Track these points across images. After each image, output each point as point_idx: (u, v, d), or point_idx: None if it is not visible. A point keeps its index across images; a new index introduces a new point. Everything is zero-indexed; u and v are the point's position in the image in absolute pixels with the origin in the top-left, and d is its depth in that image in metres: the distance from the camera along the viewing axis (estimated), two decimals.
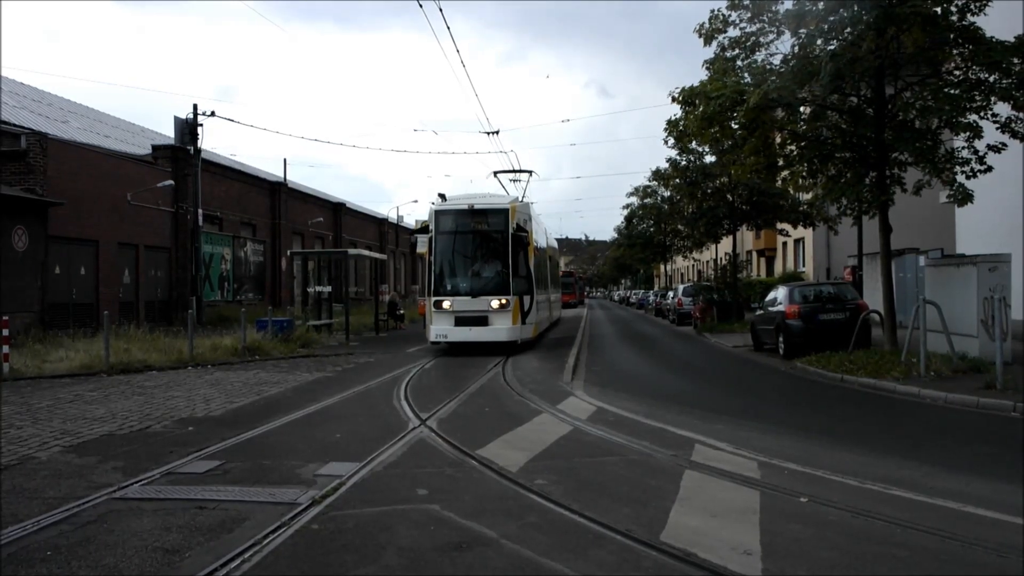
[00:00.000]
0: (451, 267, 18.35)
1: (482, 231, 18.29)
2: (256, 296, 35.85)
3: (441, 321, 17.84)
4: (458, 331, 17.76)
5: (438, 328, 17.89)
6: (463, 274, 18.28)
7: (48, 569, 4.42)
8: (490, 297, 17.69)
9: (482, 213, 18.22)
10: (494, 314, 17.67)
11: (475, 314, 17.64)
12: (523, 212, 18.93)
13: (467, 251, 18.52)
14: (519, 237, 18.14)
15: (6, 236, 20.25)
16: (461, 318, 17.69)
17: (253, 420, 9.19)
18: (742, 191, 26.93)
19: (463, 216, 18.26)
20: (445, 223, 18.25)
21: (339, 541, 4.82)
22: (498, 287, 17.84)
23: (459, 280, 18.16)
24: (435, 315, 17.91)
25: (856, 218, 18.16)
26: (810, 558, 4.47)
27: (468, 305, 17.71)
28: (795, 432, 8.47)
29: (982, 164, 13.48)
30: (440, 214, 18.30)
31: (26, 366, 14.20)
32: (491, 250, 18.28)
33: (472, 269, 18.34)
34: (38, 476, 6.53)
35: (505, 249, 17.95)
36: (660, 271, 64.11)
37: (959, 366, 11.92)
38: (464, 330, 17.69)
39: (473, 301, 17.72)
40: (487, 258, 18.32)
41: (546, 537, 4.85)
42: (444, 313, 17.81)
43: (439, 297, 17.89)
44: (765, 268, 44.47)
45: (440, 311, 17.84)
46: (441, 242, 18.22)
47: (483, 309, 17.71)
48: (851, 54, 12.65)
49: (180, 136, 27.44)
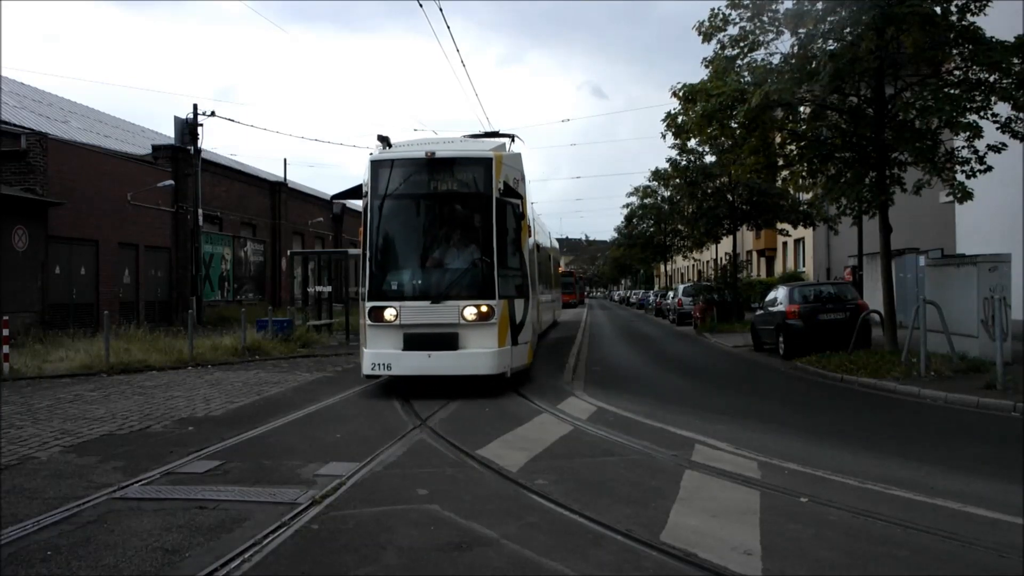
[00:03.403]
0: (397, 253, 11.73)
1: (448, 195, 11.70)
2: (256, 296, 35.85)
3: (381, 341, 11.04)
4: (409, 358, 10.92)
5: (376, 352, 11.01)
6: (416, 264, 11.51)
7: (48, 569, 4.42)
8: (462, 302, 11.01)
9: (447, 165, 11.59)
10: (469, 330, 10.98)
11: (437, 330, 10.92)
12: (513, 166, 12.19)
13: (423, 227, 11.78)
14: (508, 205, 11.59)
15: (6, 236, 20.25)
16: (414, 337, 10.93)
17: (253, 420, 9.19)
18: (742, 191, 26.93)
19: (417, 170, 11.53)
20: (388, 182, 11.51)
21: (339, 541, 4.83)
22: (475, 285, 11.18)
23: (410, 274, 11.39)
24: (372, 331, 11.11)
25: (856, 218, 18.16)
26: (810, 558, 4.47)
27: (425, 315, 10.96)
28: (795, 432, 8.48)
29: (982, 164, 13.49)
30: (379, 167, 11.55)
31: (26, 366, 14.20)
32: (463, 226, 11.87)
33: (432, 256, 11.57)
34: (38, 476, 6.53)
35: (486, 224, 11.31)
36: (660, 271, 64.12)
37: (959, 366, 11.92)
38: (418, 357, 10.88)
39: (433, 309, 10.97)
40: (456, 239, 11.76)
41: (546, 537, 4.85)
42: (386, 329, 11.02)
43: (378, 302, 11.08)
44: (765, 268, 44.46)
45: (379, 325, 11.04)
46: (382, 213, 11.47)
47: (450, 322, 10.91)
48: (851, 54, 12.65)
49: (180, 136, 27.44)
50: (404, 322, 10.93)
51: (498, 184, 11.31)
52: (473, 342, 10.98)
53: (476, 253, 11.45)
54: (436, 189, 11.55)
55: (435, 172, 11.50)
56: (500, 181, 11.36)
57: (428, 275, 11.36)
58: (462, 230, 11.88)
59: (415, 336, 10.94)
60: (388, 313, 11.00)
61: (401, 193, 11.57)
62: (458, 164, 11.65)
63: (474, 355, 10.95)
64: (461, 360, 10.93)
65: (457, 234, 11.85)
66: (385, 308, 11.03)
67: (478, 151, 12.01)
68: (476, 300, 11.02)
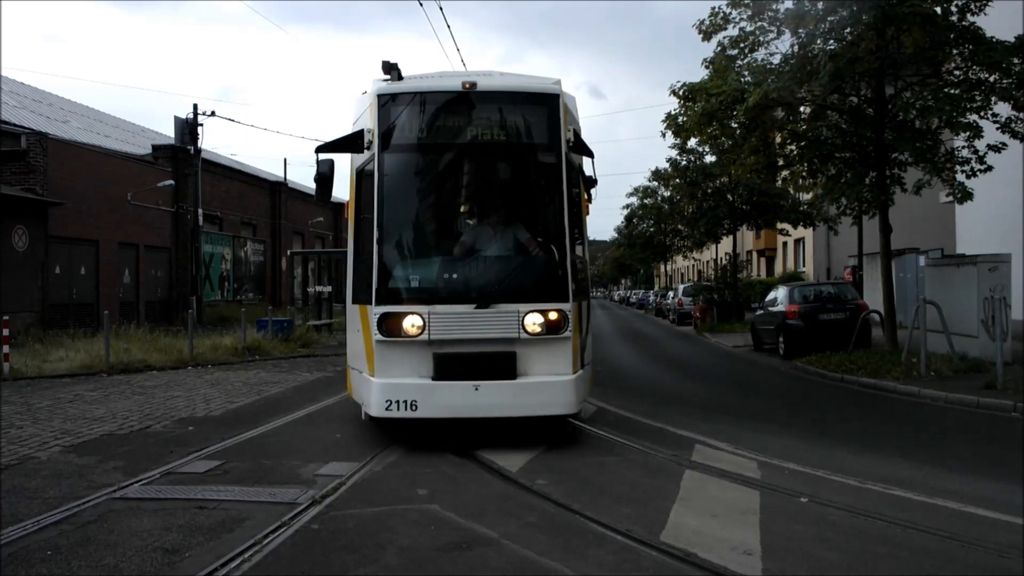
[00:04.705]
0: (421, 233, 7.97)
1: (497, 146, 7.88)
2: (256, 296, 35.85)
3: (398, 366, 7.29)
4: (445, 392, 7.21)
5: (392, 384, 7.21)
6: (451, 249, 7.71)
7: (48, 569, 4.42)
8: (523, 305, 7.24)
9: (494, 103, 7.78)
10: (531, 348, 7.29)
11: (486, 348, 7.26)
12: (573, 114, 8.35)
13: (461, 195, 8.23)
14: (575, 166, 8.14)
15: (6, 236, 20.24)
16: (453, 359, 7.23)
17: (253, 420, 9.19)
18: (742, 191, 26.93)
19: (450, 110, 7.73)
20: (405, 126, 7.66)
21: (339, 541, 4.82)
22: (540, 281, 7.55)
23: (442, 264, 7.59)
24: (382, 351, 7.30)
25: (856, 218, 18.18)
26: (810, 558, 4.47)
27: (468, 325, 7.23)
28: (795, 432, 8.47)
29: (982, 164, 13.50)
30: (391, 104, 7.65)
31: (26, 366, 14.19)
32: (519, 192, 8.23)
33: (475, 238, 7.76)
34: (38, 476, 6.53)
35: (553, 190, 7.60)
36: (660, 271, 64.10)
37: (959, 366, 11.92)
38: (460, 390, 7.19)
39: (480, 316, 7.22)
40: (510, 212, 8.05)
41: (546, 537, 4.85)
42: (406, 347, 7.24)
43: (392, 307, 7.25)
44: (765, 268, 44.46)
45: (395, 342, 7.23)
46: (394, 173, 7.64)
47: (505, 335, 7.22)
48: (851, 54, 12.66)
49: (180, 136, 27.46)
50: (435, 336, 7.08)
51: (567, 133, 7.63)
52: (538, 366, 7.26)
53: (540, 233, 7.73)
54: (479, 137, 7.69)
55: (477, 112, 7.66)
56: (569, 129, 7.69)
57: (470, 265, 7.45)
58: (518, 199, 8.14)
59: (453, 358, 7.12)
60: (410, 323, 7.08)
61: (426, 143, 7.68)
62: (511, 101, 7.80)
63: (541, 387, 7.22)
64: (523, 394, 7.15)
65: (511, 205, 8.08)
66: (404, 315, 7.08)
67: (538, 84, 8.03)
68: (542, 303, 7.24)
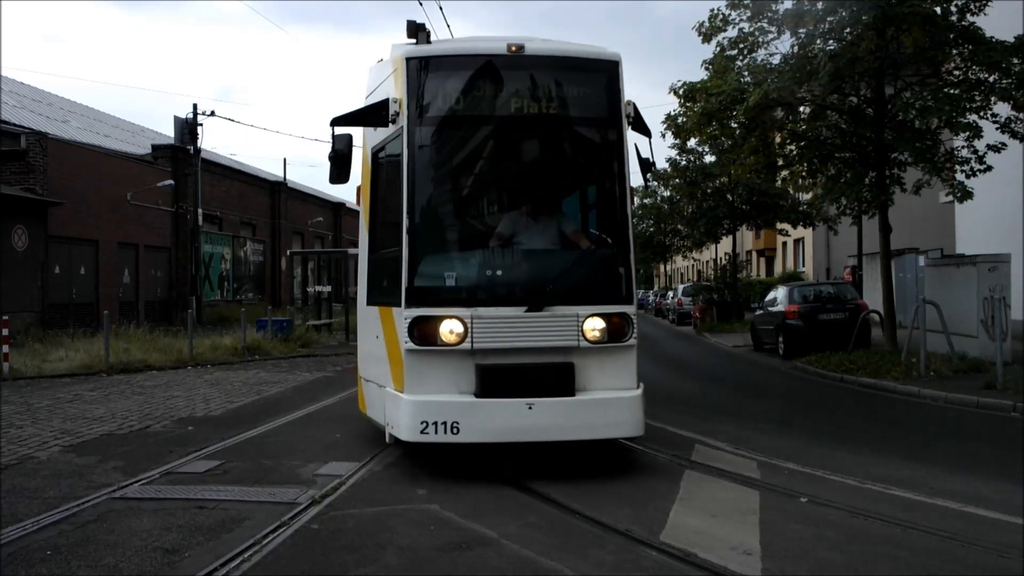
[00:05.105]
0: (459, 223, 6.90)
1: (548, 120, 6.78)
2: (256, 296, 35.84)
3: (434, 380, 6.18)
4: (492, 411, 6.05)
5: (427, 401, 6.09)
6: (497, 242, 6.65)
7: (48, 569, 4.42)
8: (581, 308, 6.26)
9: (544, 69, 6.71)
10: (590, 358, 6.31)
11: (540, 359, 6.22)
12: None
13: (506, 177, 7.24)
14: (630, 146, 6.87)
15: (6, 236, 20.24)
16: (501, 372, 6.13)
17: (253, 420, 9.18)
18: (742, 191, 26.92)
19: (492, 77, 6.59)
20: (439, 95, 6.58)
21: (339, 541, 4.82)
22: (599, 280, 6.69)
23: (486, 259, 6.50)
24: (414, 362, 6.18)
25: (856, 218, 18.19)
26: (810, 558, 4.47)
27: (519, 332, 6.18)
28: (795, 432, 8.47)
29: (982, 164, 13.50)
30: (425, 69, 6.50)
31: (26, 366, 14.19)
32: (573, 175, 7.34)
33: (524, 228, 6.73)
34: (38, 476, 6.53)
35: (612, 173, 6.73)
36: (660, 271, 64.12)
37: (959, 366, 11.92)
38: (510, 409, 6.03)
39: (533, 321, 6.19)
40: (564, 198, 7.33)
41: (546, 537, 4.84)
42: (443, 357, 6.18)
43: (426, 309, 6.14)
44: (765, 268, 44.47)
45: (430, 351, 6.15)
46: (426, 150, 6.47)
47: (561, 344, 6.22)
48: (850, 54, 12.67)
49: (180, 136, 27.46)
50: (479, 344, 6.04)
51: (625, 107, 6.64)
52: (598, 380, 6.24)
53: (598, 224, 6.94)
54: (527, 110, 6.55)
55: (525, 80, 6.56)
56: (628, 103, 6.69)
57: (518, 260, 6.51)
58: (573, 182, 7.23)
59: (502, 371, 6.08)
60: (448, 329, 6.03)
61: (466, 116, 6.62)
62: (564, 68, 6.69)
63: (604, 405, 6.19)
64: (583, 414, 6.11)
65: (565, 189, 7.21)
66: (442, 320, 6.04)
67: (594, 50, 6.89)
68: (603, 305, 6.30)
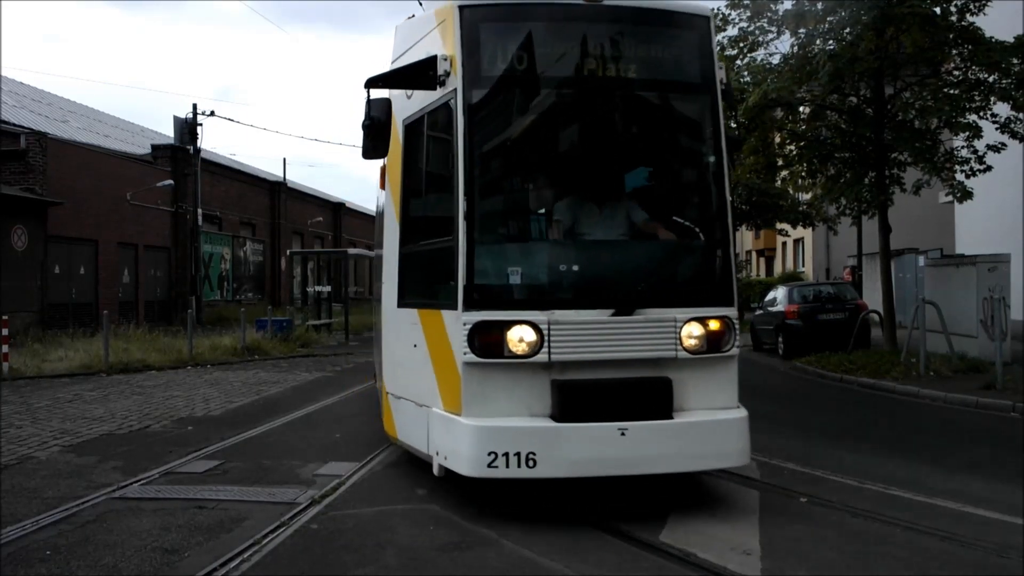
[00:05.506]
0: (532, 202, 5.77)
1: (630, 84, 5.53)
2: (256, 296, 35.84)
3: (503, 400, 5.01)
4: (578, 439, 4.89)
5: (493, 427, 4.91)
6: (577, 232, 5.55)
7: (47, 569, 4.42)
8: (679, 311, 5.18)
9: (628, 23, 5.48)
10: (689, 372, 5.22)
11: (632, 373, 5.11)
12: None
13: (584, 152, 5.69)
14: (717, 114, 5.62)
15: (6, 236, 20.22)
16: (586, 390, 5.02)
17: (253, 420, 9.18)
18: (741, 191, 26.88)
19: (567, 31, 5.44)
20: (503, 53, 5.34)
21: (339, 541, 4.82)
22: (698, 276, 5.66)
23: (564, 252, 5.40)
24: (474, 376, 5.01)
25: (855, 218, 18.20)
26: (810, 558, 4.47)
27: (606, 340, 5.07)
28: (795, 432, 8.47)
29: (982, 164, 13.51)
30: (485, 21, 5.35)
31: (26, 366, 14.18)
32: (663, 149, 6.01)
33: (610, 214, 5.61)
34: (37, 476, 6.53)
35: (707, 145, 5.70)
36: None
37: (958, 366, 11.92)
38: (599, 435, 4.89)
39: (623, 327, 5.09)
40: (652, 177, 6.00)
41: (546, 537, 4.84)
42: (513, 372, 5.03)
43: (489, 313, 5.00)
44: (765, 268, 44.48)
45: (496, 364, 5.01)
46: (490, 117, 5.38)
47: (656, 354, 5.14)
48: (850, 54, 12.66)
49: (180, 136, 27.46)
50: (558, 356, 5.00)
51: (719, 72, 5.68)
52: (696, 398, 5.26)
53: (694, 209, 5.89)
54: (607, 71, 5.41)
55: (603, 36, 5.44)
56: (722, 69, 5.77)
57: (602, 253, 5.54)
58: (663, 159, 6.02)
59: (587, 389, 5.05)
60: (518, 337, 4.99)
61: (533, 77, 5.44)
62: (648, 22, 5.62)
63: (708, 429, 5.21)
64: (685, 441, 5.10)
65: (655, 167, 5.98)
66: (511, 326, 5.00)
67: (682, 2, 5.90)
68: (702, 307, 5.29)
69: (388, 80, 5.76)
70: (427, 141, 5.74)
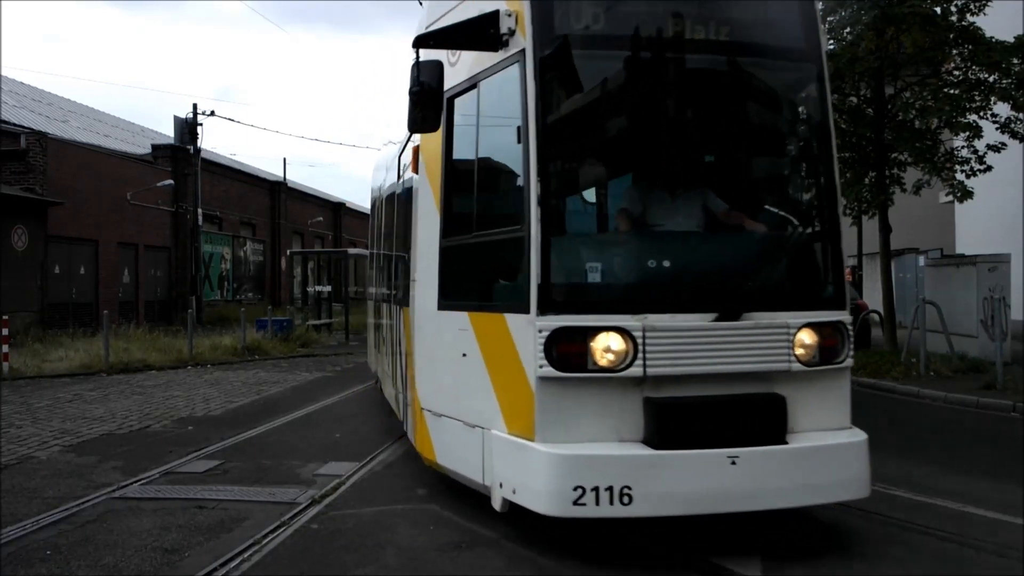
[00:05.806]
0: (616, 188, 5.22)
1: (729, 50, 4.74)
2: (256, 296, 35.86)
3: (583, 424, 4.27)
4: (679, 468, 4.14)
5: (575, 456, 4.17)
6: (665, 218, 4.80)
7: (48, 569, 4.42)
8: (791, 316, 4.51)
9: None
10: (801, 388, 4.57)
11: (737, 390, 4.40)
12: None
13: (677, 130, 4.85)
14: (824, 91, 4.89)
15: (6, 236, 20.23)
16: (687, 410, 4.31)
17: (253, 420, 9.19)
18: None
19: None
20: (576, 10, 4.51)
21: (339, 541, 4.82)
22: (809, 274, 4.97)
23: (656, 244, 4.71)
24: (549, 393, 4.26)
25: (856, 218, 18.14)
26: (810, 558, 4.47)
27: (708, 350, 4.32)
28: None
29: (982, 164, 13.50)
30: None
31: (26, 365, 14.19)
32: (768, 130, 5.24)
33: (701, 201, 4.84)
34: (37, 475, 6.53)
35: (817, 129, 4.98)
36: None
37: (959, 366, 11.91)
38: (708, 463, 4.14)
39: (728, 335, 4.36)
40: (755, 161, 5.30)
41: (546, 536, 4.84)
42: (597, 389, 4.28)
43: (569, 317, 4.26)
44: None
45: (576, 379, 4.27)
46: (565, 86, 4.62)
47: (765, 367, 4.44)
48: (850, 54, 12.66)
49: (180, 136, 27.49)
50: (655, 370, 4.30)
51: (823, 56, 5.00)
52: (808, 418, 4.65)
53: (805, 196, 5.21)
54: (703, 34, 4.69)
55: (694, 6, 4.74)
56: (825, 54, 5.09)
57: (701, 247, 4.89)
58: (767, 140, 5.32)
59: (689, 408, 4.38)
60: (604, 346, 4.29)
61: (615, 38, 4.70)
62: None
63: (825, 455, 4.53)
64: (799, 467, 4.39)
65: (758, 149, 5.32)
66: (596, 333, 4.30)
67: None
68: (815, 311, 4.70)
69: (440, 38, 4.93)
70: (482, 114, 4.97)
